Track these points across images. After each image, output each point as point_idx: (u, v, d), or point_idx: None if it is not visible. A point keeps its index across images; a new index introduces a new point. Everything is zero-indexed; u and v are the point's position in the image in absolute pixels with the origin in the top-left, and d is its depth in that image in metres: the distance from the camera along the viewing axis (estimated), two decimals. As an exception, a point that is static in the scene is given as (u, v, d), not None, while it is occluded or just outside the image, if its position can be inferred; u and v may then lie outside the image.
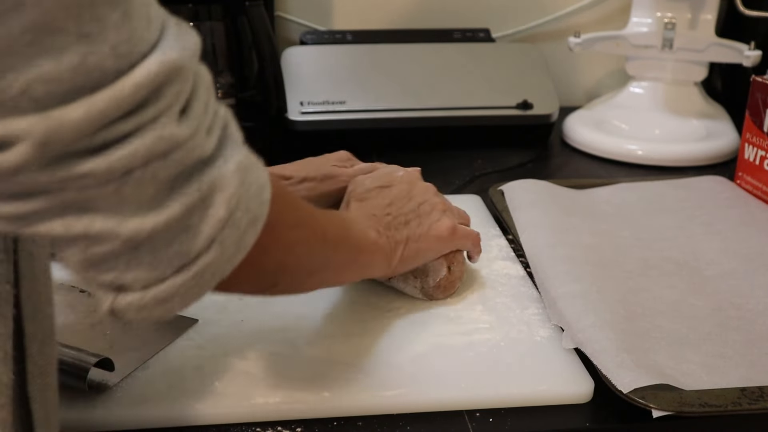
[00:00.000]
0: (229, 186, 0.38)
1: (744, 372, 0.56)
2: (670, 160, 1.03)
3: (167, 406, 0.52)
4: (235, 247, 0.39)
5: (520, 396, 0.54)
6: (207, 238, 0.38)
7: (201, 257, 0.38)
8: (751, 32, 1.11)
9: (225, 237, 0.39)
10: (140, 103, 0.34)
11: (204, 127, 0.38)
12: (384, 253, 0.59)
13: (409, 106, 1.05)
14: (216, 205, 0.38)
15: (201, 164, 0.38)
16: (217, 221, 0.38)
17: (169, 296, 0.38)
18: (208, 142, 0.38)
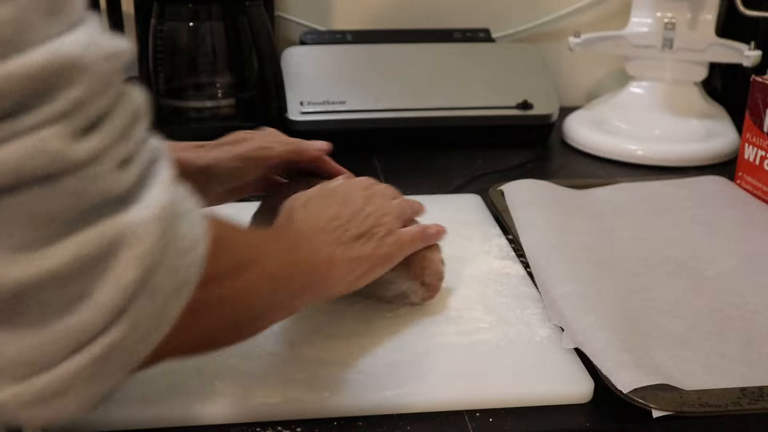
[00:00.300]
0: (144, 241, 0.30)
1: (744, 372, 0.56)
2: (670, 160, 1.03)
3: (167, 406, 0.52)
4: (152, 323, 0.31)
5: (520, 396, 0.54)
6: (109, 310, 0.29)
7: (102, 336, 0.29)
8: (751, 32, 1.11)
9: (138, 309, 0.30)
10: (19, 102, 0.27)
11: (116, 154, 0.30)
12: (340, 271, 0.54)
13: (409, 106, 1.05)
14: (122, 265, 0.29)
15: (106, 204, 0.29)
16: (124, 287, 0.29)
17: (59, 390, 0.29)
18: (121, 177, 0.30)
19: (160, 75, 1.04)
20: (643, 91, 1.13)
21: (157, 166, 0.32)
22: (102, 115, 0.30)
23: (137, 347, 0.31)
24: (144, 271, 0.30)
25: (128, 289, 0.29)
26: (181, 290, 0.32)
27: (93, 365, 0.29)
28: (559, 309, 0.62)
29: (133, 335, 0.30)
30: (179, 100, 1.04)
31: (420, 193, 0.92)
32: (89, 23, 0.31)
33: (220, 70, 1.05)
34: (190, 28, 1.02)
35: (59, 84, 0.28)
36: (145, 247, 0.30)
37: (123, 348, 0.30)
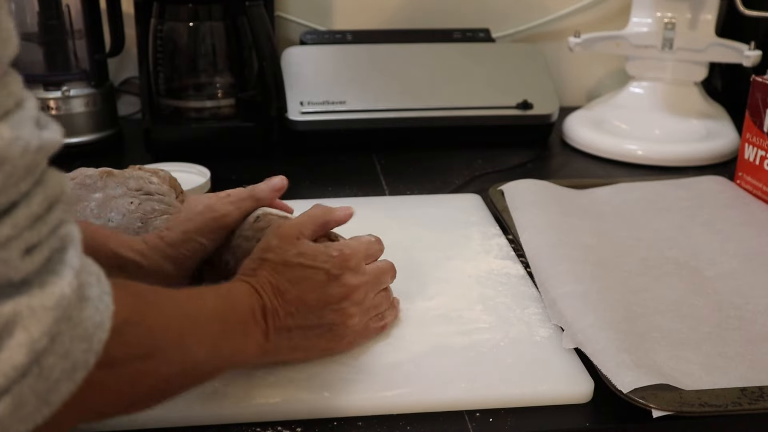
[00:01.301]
0: (39, 324, 0.30)
1: (744, 372, 0.56)
2: (670, 160, 1.03)
3: (167, 406, 0.52)
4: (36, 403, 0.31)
5: (520, 396, 0.54)
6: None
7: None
8: (751, 32, 1.11)
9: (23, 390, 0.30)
10: None
11: (23, 243, 0.31)
12: (267, 358, 0.53)
13: (409, 106, 1.05)
14: (12, 348, 0.30)
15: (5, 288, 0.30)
16: (10, 368, 0.30)
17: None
18: (23, 263, 0.31)
19: (160, 75, 1.04)
20: (643, 91, 1.13)
21: (66, 254, 0.33)
22: (15, 203, 0.31)
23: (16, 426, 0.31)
24: (33, 356, 0.30)
25: (13, 371, 0.30)
26: (73, 374, 0.33)
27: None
28: (559, 309, 0.62)
29: (12, 414, 0.31)
30: (179, 100, 1.04)
31: (420, 193, 0.92)
32: (22, 111, 0.32)
33: (220, 70, 1.05)
34: (190, 28, 1.02)
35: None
36: (39, 332, 0.30)
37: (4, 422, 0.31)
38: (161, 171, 0.68)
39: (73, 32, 1.02)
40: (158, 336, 0.41)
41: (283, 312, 0.52)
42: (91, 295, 0.34)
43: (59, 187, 0.34)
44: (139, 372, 0.39)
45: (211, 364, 0.47)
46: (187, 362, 0.44)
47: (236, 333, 0.49)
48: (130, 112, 1.21)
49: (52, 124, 0.34)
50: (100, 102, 1.04)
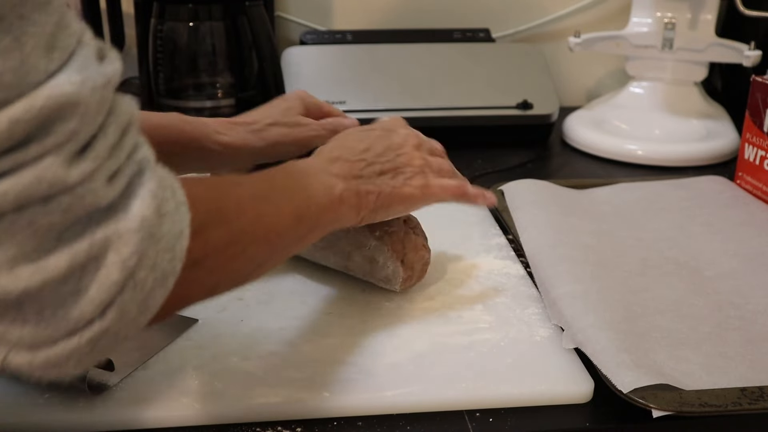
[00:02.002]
0: (127, 245, 0.34)
1: (744, 372, 0.56)
2: (670, 160, 1.03)
3: (167, 406, 0.52)
4: (138, 310, 0.36)
5: (520, 396, 0.54)
6: (99, 303, 0.34)
7: (95, 323, 0.34)
8: (751, 32, 1.11)
9: (124, 301, 0.35)
10: (22, 140, 0.31)
11: (105, 172, 0.34)
12: (350, 205, 0.55)
13: (409, 106, 1.05)
14: (108, 267, 0.34)
15: (95, 215, 0.33)
16: (110, 285, 0.34)
17: (61, 360, 0.35)
18: (108, 190, 0.34)
19: (160, 75, 1.04)
20: (643, 91, 1.13)
21: (143, 177, 0.36)
22: (93, 137, 0.33)
23: (126, 329, 0.36)
24: (127, 272, 0.34)
25: (113, 287, 0.34)
26: (164, 281, 0.36)
27: (87, 345, 0.35)
28: (559, 309, 0.62)
29: (120, 321, 0.35)
30: (179, 100, 1.04)
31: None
32: (84, 49, 0.34)
33: (220, 70, 1.05)
34: (190, 28, 1.02)
35: (56, 120, 0.31)
36: (128, 252, 0.34)
37: (112, 331, 0.35)
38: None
39: (73, 32, 1.02)
40: (236, 224, 0.43)
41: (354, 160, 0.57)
42: (169, 209, 0.37)
43: (128, 113, 0.36)
44: (225, 260, 0.42)
45: (300, 229, 0.50)
46: (271, 236, 0.47)
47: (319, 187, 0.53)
48: (130, 112, 1.21)
49: (111, 52, 0.36)
50: (100, 102, 1.04)
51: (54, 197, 0.32)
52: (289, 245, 0.50)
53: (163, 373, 0.55)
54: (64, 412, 0.51)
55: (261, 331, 0.61)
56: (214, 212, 0.42)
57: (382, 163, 0.59)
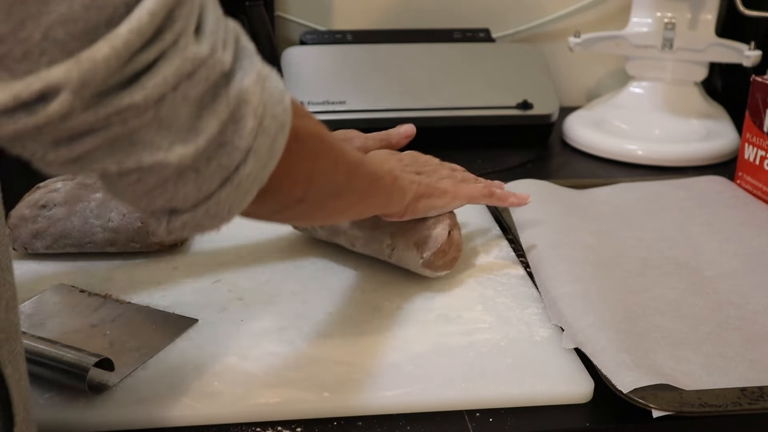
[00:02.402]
0: (253, 97, 0.39)
1: (744, 372, 0.56)
2: (670, 160, 1.03)
3: (167, 406, 0.52)
4: (269, 154, 0.40)
5: (520, 396, 0.54)
6: (243, 149, 0.39)
7: (240, 168, 0.39)
8: (751, 32, 1.11)
9: (259, 145, 0.40)
10: (158, 30, 0.34)
11: (220, 41, 0.38)
12: (399, 187, 0.63)
13: (409, 106, 1.05)
14: (246, 117, 0.39)
15: (224, 80, 0.38)
16: (249, 132, 0.39)
17: (219, 210, 0.40)
18: (226, 56, 0.38)
19: (160, 75, 1.04)
20: (643, 91, 1.13)
21: (241, 41, 0.40)
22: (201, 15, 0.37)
23: (262, 173, 0.41)
24: (258, 119, 0.39)
25: (251, 133, 0.39)
26: (283, 128, 0.41)
27: (237, 190, 0.40)
28: (559, 309, 0.62)
29: (257, 165, 0.40)
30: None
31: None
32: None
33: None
34: (190, 28, 1.01)
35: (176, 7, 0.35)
36: (255, 102, 0.39)
37: (254, 174, 0.40)
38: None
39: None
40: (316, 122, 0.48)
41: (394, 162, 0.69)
42: (268, 71, 0.41)
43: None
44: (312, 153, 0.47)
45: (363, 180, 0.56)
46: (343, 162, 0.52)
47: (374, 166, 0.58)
48: (130, 112, 1.21)
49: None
50: (100, 102, 1.04)
51: (196, 71, 0.36)
52: (358, 190, 0.56)
53: (163, 373, 0.55)
54: (64, 412, 0.51)
55: (261, 331, 0.61)
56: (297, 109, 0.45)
57: (416, 167, 0.69)
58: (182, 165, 0.37)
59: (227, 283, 0.69)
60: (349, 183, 0.53)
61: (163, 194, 0.38)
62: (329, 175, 0.50)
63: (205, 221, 0.40)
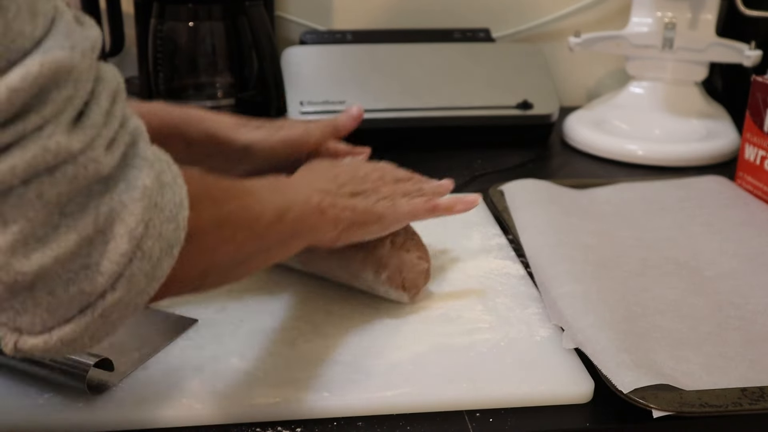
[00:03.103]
0: (132, 216, 0.34)
1: (744, 372, 0.56)
2: (670, 160, 1.03)
3: (167, 406, 0.52)
4: (146, 280, 0.36)
5: (520, 396, 0.54)
6: (111, 275, 0.34)
7: (106, 296, 0.34)
8: (751, 32, 1.11)
9: (134, 272, 0.35)
10: (20, 110, 0.30)
11: (103, 139, 0.33)
12: (328, 220, 0.56)
13: (409, 106, 1.05)
14: (117, 239, 0.34)
15: (98, 186, 0.33)
16: (119, 256, 0.34)
17: (76, 337, 0.35)
18: (108, 158, 0.33)
19: (160, 75, 1.04)
20: (643, 91, 1.13)
21: (138, 147, 0.36)
22: (87, 104, 0.33)
23: (136, 300, 0.36)
24: (135, 242, 0.34)
25: (122, 258, 0.34)
26: (171, 251, 0.37)
27: (100, 319, 0.35)
28: (559, 309, 0.62)
29: (130, 292, 0.35)
30: (179, 100, 1.04)
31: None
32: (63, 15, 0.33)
33: (220, 70, 1.05)
34: (190, 28, 1.02)
35: (52, 88, 0.31)
36: (134, 222, 0.34)
37: (123, 303, 0.35)
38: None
39: (73, 32, 1.01)
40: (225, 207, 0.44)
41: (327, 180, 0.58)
42: (167, 180, 0.37)
43: (115, 80, 0.36)
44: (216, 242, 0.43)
45: (279, 230, 0.50)
46: (257, 227, 0.47)
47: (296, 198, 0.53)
48: (130, 112, 1.21)
49: (86, 18, 0.36)
50: (100, 102, 1.04)
51: (59, 167, 0.31)
52: (273, 245, 0.51)
53: (163, 373, 0.55)
54: (64, 412, 0.51)
55: (261, 331, 0.61)
56: (203, 192, 0.42)
57: (351, 187, 0.60)
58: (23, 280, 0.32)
59: (227, 283, 0.68)
60: (262, 245, 0.49)
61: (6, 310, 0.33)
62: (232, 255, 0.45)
63: (60, 347, 0.35)
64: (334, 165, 0.63)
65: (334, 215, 0.56)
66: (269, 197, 0.50)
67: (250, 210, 0.47)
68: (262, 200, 0.49)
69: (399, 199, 0.62)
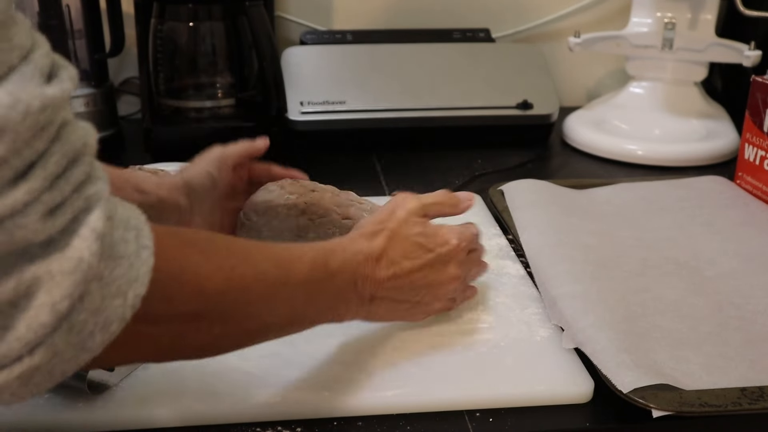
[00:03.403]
0: (59, 287, 0.32)
1: (744, 372, 0.56)
2: (670, 160, 1.03)
3: (167, 406, 0.52)
4: (74, 351, 0.33)
5: (520, 396, 0.54)
6: (27, 342, 0.32)
7: (23, 359, 0.32)
8: (751, 32, 1.11)
9: (56, 342, 0.32)
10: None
11: (42, 205, 0.31)
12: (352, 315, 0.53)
13: (409, 106, 1.05)
14: (37, 308, 0.31)
15: (30, 249, 0.31)
16: (38, 326, 0.32)
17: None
18: (45, 226, 0.31)
19: (160, 75, 1.04)
20: (643, 91, 1.13)
21: (90, 215, 0.33)
22: (32, 164, 0.30)
23: (61, 367, 0.33)
24: (58, 315, 0.32)
25: (41, 329, 0.32)
26: (108, 327, 0.34)
27: (17, 380, 0.33)
28: (559, 309, 0.62)
29: (52, 360, 0.33)
30: (179, 100, 1.04)
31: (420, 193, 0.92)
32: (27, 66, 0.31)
33: (220, 70, 1.05)
34: (190, 28, 1.02)
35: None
36: (59, 295, 0.31)
37: (45, 369, 0.33)
38: (161, 171, 0.68)
39: (73, 32, 1.02)
40: (214, 300, 0.40)
41: (389, 285, 0.53)
42: (127, 251, 0.34)
43: (80, 141, 0.33)
44: (185, 330, 0.39)
45: (286, 328, 0.47)
46: (253, 326, 0.43)
47: (328, 299, 0.49)
48: (130, 112, 1.21)
49: (65, 71, 0.33)
50: (100, 102, 1.04)
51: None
52: (266, 338, 0.48)
53: (163, 373, 0.55)
54: (64, 412, 0.51)
55: (261, 331, 0.61)
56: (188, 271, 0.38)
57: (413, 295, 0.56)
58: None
59: (227, 283, 0.68)
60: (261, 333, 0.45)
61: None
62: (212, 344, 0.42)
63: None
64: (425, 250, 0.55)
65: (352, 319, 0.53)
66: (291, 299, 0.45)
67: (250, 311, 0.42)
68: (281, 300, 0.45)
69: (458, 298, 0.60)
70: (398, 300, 0.55)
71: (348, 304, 0.52)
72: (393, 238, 0.54)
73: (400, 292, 0.55)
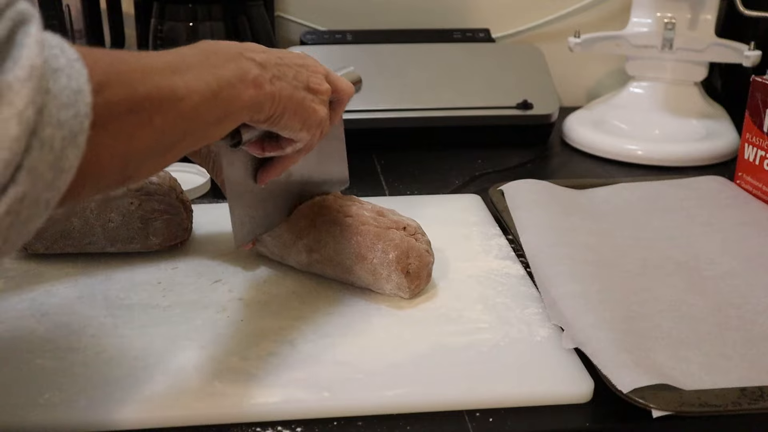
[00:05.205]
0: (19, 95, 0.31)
1: (744, 372, 0.56)
2: (670, 160, 1.03)
3: (167, 406, 0.52)
4: (52, 172, 0.33)
5: (520, 396, 0.54)
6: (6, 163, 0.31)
7: (8, 189, 0.32)
8: (751, 32, 1.11)
9: (34, 162, 0.32)
10: None
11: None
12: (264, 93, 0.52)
13: (409, 106, 1.05)
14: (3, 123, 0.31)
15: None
16: (11, 141, 0.31)
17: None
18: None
19: (160, 75, 1.04)
20: (643, 91, 1.13)
21: (28, 26, 0.33)
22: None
23: (44, 195, 0.33)
24: (26, 127, 0.32)
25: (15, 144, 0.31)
26: (75, 139, 0.34)
27: (8, 216, 0.32)
28: (559, 309, 0.62)
29: (36, 185, 0.33)
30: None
31: (420, 193, 0.92)
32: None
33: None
34: (190, 28, 1.02)
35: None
36: (22, 103, 0.31)
37: (31, 197, 0.33)
38: (161, 171, 0.68)
39: (73, 32, 1.02)
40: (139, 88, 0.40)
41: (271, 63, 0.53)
42: (60, 64, 0.34)
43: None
44: (130, 127, 0.39)
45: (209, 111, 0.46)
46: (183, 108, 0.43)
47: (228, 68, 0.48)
48: (130, 112, 1.21)
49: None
50: (100, 102, 1.04)
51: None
52: (202, 127, 0.47)
53: (163, 373, 0.55)
54: (64, 412, 0.51)
55: (261, 331, 0.61)
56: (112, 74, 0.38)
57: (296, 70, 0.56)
58: None
59: (227, 283, 0.69)
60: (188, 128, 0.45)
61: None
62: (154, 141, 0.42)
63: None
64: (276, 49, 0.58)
65: (270, 92, 0.52)
66: (198, 72, 0.45)
67: (172, 91, 0.43)
68: (189, 77, 0.44)
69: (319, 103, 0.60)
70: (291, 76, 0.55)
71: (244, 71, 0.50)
72: None
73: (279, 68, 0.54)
